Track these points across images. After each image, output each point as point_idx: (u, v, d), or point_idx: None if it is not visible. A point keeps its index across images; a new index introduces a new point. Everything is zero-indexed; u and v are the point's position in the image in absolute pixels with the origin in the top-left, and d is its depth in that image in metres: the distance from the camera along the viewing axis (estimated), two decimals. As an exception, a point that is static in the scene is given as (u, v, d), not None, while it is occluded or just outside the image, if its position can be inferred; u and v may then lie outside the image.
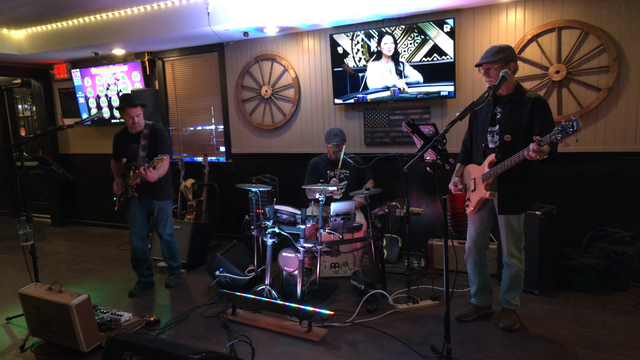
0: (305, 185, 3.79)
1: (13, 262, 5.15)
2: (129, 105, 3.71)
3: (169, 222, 4.02)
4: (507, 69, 2.73)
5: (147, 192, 3.84)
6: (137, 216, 3.90)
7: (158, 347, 2.12)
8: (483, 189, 2.87)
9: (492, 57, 2.77)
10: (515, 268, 2.97)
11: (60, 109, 6.71)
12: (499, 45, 2.81)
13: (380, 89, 4.42)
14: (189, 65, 5.68)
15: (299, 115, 5.03)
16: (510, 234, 2.94)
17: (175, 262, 4.20)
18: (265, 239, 3.54)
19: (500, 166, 2.76)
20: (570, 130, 2.31)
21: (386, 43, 4.31)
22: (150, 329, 3.28)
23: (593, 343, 2.81)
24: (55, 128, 3.65)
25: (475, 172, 2.99)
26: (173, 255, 4.15)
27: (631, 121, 3.67)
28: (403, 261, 4.46)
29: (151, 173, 3.59)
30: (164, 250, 4.11)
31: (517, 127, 2.78)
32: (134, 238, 3.92)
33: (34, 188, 7.25)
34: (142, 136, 3.78)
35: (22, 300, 3.07)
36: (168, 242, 4.06)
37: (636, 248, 3.55)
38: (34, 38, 5.46)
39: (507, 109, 2.83)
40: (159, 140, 3.79)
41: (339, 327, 3.17)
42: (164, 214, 3.95)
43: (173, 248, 4.13)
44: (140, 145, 3.78)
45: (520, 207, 2.91)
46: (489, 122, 2.90)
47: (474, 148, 3.07)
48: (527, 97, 2.79)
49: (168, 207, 3.99)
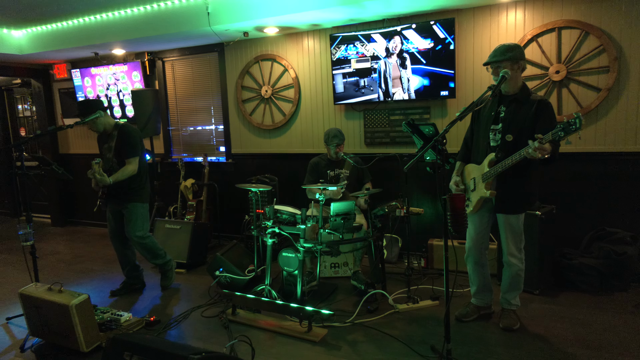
0: (305, 185, 3.80)
1: (13, 262, 5.15)
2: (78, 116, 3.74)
3: (137, 223, 3.85)
4: (517, 67, 2.76)
5: (114, 194, 3.82)
6: (111, 217, 3.95)
7: (158, 347, 2.12)
8: (483, 189, 2.87)
9: (502, 56, 2.77)
10: (515, 268, 2.97)
11: (60, 109, 6.71)
12: (508, 44, 2.81)
13: (379, 93, 4.42)
14: (189, 65, 5.68)
15: (299, 115, 5.03)
16: (511, 234, 2.94)
17: (161, 260, 4.05)
18: (265, 239, 3.54)
19: (500, 165, 2.76)
20: (573, 127, 2.31)
21: (387, 43, 4.31)
22: (150, 329, 3.28)
23: (593, 343, 2.81)
24: (55, 128, 3.65)
25: (475, 172, 2.99)
26: (154, 253, 4.00)
27: (631, 121, 3.67)
28: (403, 261, 4.46)
29: (100, 176, 3.57)
30: (141, 252, 3.98)
31: (520, 128, 2.78)
32: (111, 239, 4.01)
33: (34, 188, 7.25)
34: (110, 138, 3.82)
35: (22, 300, 3.07)
36: (139, 243, 3.88)
37: (636, 248, 3.55)
38: (34, 38, 5.46)
39: (512, 109, 2.83)
40: (125, 142, 3.77)
41: (339, 327, 3.17)
42: (131, 216, 3.84)
43: (150, 247, 3.95)
44: (108, 147, 3.82)
45: (520, 207, 2.91)
46: (492, 120, 2.90)
47: (475, 146, 3.07)
48: (533, 99, 2.79)
49: (137, 209, 3.86)
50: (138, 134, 3.88)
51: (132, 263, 4.06)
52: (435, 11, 4.17)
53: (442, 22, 4.06)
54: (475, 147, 3.06)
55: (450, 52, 4.07)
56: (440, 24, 4.06)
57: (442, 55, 4.11)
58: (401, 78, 4.32)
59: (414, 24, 4.17)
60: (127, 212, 3.85)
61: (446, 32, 4.05)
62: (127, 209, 3.84)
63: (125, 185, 3.78)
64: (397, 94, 4.36)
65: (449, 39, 4.05)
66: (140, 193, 3.90)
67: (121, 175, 3.72)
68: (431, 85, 4.21)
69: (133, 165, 3.76)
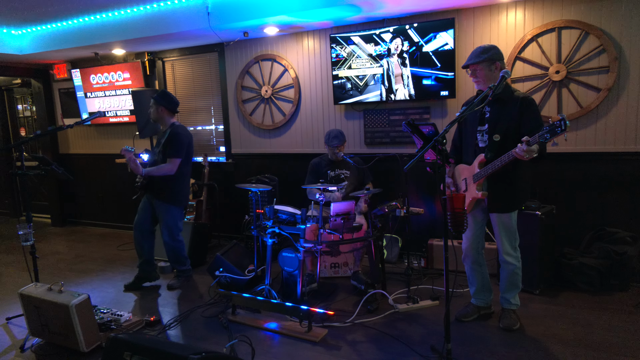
0: (306, 186, 3.80)
1: (13, 262, 5.15)
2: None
3: (167, 227, 3.92)
4: (495, 67, 2.83)
5: (151, 188, 3.91)
6: (142, 209, 4.00)
7: (158, 347, 2.12)
8: (475, 189, 2.89)
9: (477, 58, 2.84)
10: (511, 266, 2.98)
11: (60, 109, 6.71)
12: (484, 45, 2.87)
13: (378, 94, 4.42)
14: (189, 65, 5.68)
15: (299, 115, 5.03)
16: (505, 233, 2.95)
17: (181, 266, 4.14)
18: (265, 239, 3.54)
19: (490, 166, 2.79)
20: (558, 129, 2.34)
21: (388, 43, 4.31)
22: (150, 329, 3.28)
23: (593, 343, 2.81)
24: (55, 128, 3.66)
25: (466, 173, 3.01)
26: (177, 258, 4.09)
27: (631, 121, 3.67)
28: (403, 261, 4.46)
29: (134, 164, 3.68)
30: (167, 253, 4.08)
31: (506, 127, 2.81)
32: (134, 227, 4.02)
33: (34, 188, 7.26)
34: (163, 134, 3.95)
35: (22, 300, 3.07)
36: (168, 245, 4.00)
37: (636, 248, 3.55)
38: (34, 38, 5.45)
39: (496, 109, 2.86)
40: (170, 141, 3.84)
41: (339, 327, 3.17)
42: (162, 217, 3.91)
43: (176, 252, 4.05)
44: (158, 143, 3.97)
45: (512, 205, 2.93)
46: (478, 122, 2.94)
47: (464, 147, 3.10)
48: (516, 97, 2.82)
49: (168, 213, 3.90)
50: (187, 138, 3.93)
51: (146, 257, 4.07)
52: (435, 11, 4.17)
53: (442, 22, 4.06)
54: (464, 149, 3.09)
55: (450, 52, 4.08)
56: (440, 24, 4.07)
57: (442, 55, 4.11)
58: (402, 77, 4.32)
59: (415, 24, 4.17)
60: (158, 212, 3.92)
61: (446, 32, 4.05)
62: (159, 208, 3.91)
63: (161, 184, 3.85)
64: (399, 94, 4.36)
65: (449, 39, 4.05)
66: (176, 197, 3.93)
67: (156, 170, 3.79)
68: (431, 85, 4.21)
69: (172, 165, 3.80)
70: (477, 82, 2.91)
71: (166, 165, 3.79)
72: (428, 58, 4.18)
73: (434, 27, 4.10)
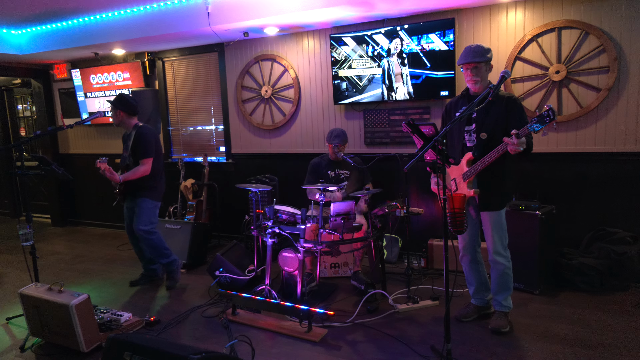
0: (306, 186, 3.80)
1: (13, 262, 5.15)
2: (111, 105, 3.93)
3: (143, 218, 3.87)
4: (489, 68, 2.89)
5: (128, 190, 3.94)
6: (127, 213, 4.06)
7: (158, 347, 2.12)
8: (466, 188, 2.90)
9: (482, 57, 2.84)
10: (501, 267, 2.97)
11: (60, 109, 6.71)
12: (482, 45, 2.88)
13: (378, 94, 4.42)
14: (189, 65, 5.68)
15: (299, 115, 5.03)
16: (496, 231, 2.95)
17: (165, 259, 4.05)
18: (265, 239, 3.53)
19: (479, 163, 2.81)
20: (547, 119, 2.38)
21: (388, 43, 4.31)
22: (150, 329, 3.28)
23: (593, 343, 2.81)
24: (55, 128, 3.66)
25: (454, 172, 3.01)
26: (159, 252, 4.00)
27: (631, 121, 3.67)
28: (403, 261, 4.46)
29: (110, 173, 3.66)
30: (147, 250, 4.01)
31: (493, 126, 2.84)
32: (128, 233, 4.13)
33: (34, 188, 7.26)
34: (128, 137, 3.96)
35: (22, 300, 3.07)
36: (145, 239, 3.90)
37: (636, 248, 3.55)
38: (34, 38, 5.45)
39: (482, 108, 2.85)
40: (138, 143, 3.85)
41: (339, 327, 3.17)
42: (138, 209, 3.90)
43: (155, 245, 3.95)
44: (126, 146, 3.97)
45: (502, 202, 2.95)
46: (466, 122, 2.96)
47: (450, 148, 3.10)
48: (501, 96, 2.86)
49: (145, 204, 3.90)
50: (153, 136, 3.94)
51: (147, 257, 4.15)
52: (435, 11, 4.17)
53: (441, 22, 4.06)
54: (451, 149, 3.10)
55: (450, 52, 4.07)
56: (440, 24, 4.06)
57: (443, 55, 4.11)
58: (402, 77, 4.32)
59: (415, 24, 4.17)
60: (137, 208, 3.94)
61: (446, 32, 4.05)
62: (137, 203, 3.93)
63: (138, 183, 3.88)
64: (399, 93, 4.36)
65: (449, 39, 4.05)
66: (153, 192, 3.98)
67: (132, 174, 3.81)
68: (431, 84, 4.21)
69: (145, 165, 3.84)
70: (475, 81, 2.88)
71: (140, 167, 3.83)
72: (428, 58, 4.18)
73: (434, 27, 4.10)
